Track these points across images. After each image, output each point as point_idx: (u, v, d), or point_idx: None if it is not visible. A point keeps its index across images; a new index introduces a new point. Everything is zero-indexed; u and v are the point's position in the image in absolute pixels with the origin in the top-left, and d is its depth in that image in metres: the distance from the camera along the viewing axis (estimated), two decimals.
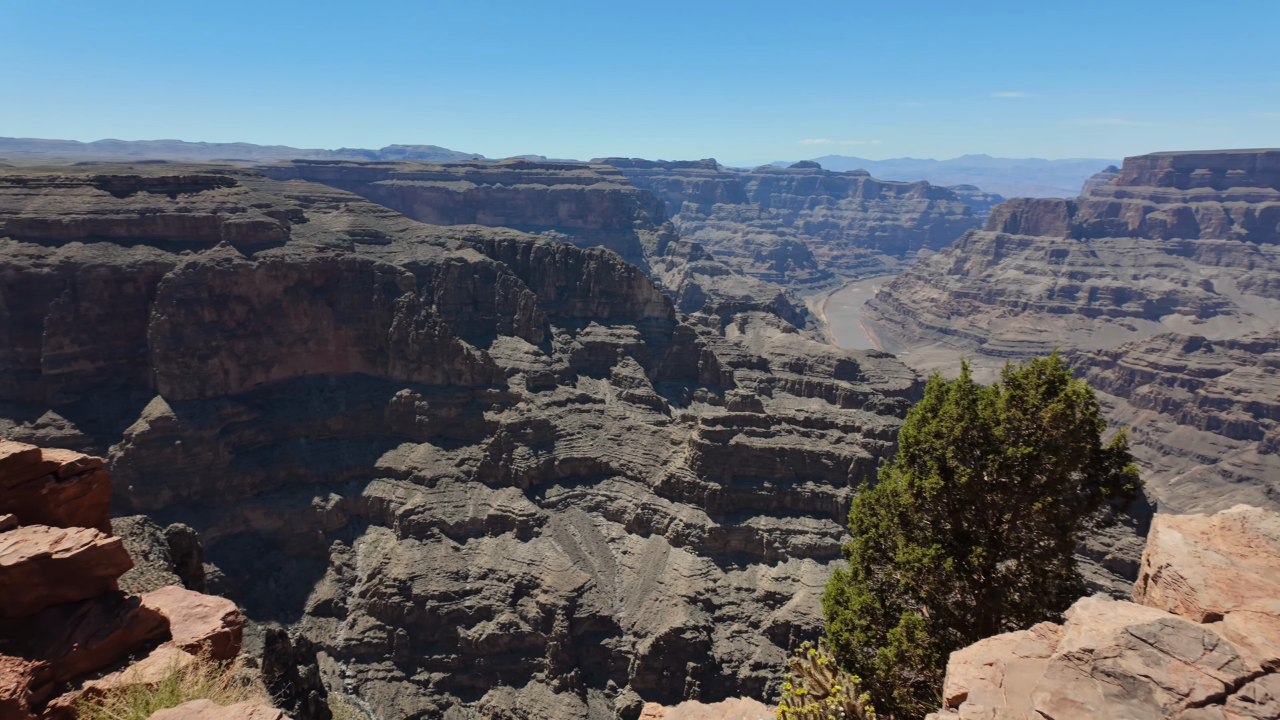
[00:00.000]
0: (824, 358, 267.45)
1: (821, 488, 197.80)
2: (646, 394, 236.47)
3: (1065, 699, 8.79)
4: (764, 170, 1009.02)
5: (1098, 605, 10.17)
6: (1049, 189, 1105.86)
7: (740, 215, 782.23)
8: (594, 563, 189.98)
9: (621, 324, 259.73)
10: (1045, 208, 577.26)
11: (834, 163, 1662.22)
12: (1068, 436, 18.25)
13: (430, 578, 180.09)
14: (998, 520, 19.44)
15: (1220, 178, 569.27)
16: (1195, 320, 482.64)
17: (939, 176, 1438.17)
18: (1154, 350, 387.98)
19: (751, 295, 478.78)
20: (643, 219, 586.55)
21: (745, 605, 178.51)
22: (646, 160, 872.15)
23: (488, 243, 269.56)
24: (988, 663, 10.21)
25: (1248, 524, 12.93)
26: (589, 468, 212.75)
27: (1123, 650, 9.04)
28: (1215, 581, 11.01)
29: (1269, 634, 9.49)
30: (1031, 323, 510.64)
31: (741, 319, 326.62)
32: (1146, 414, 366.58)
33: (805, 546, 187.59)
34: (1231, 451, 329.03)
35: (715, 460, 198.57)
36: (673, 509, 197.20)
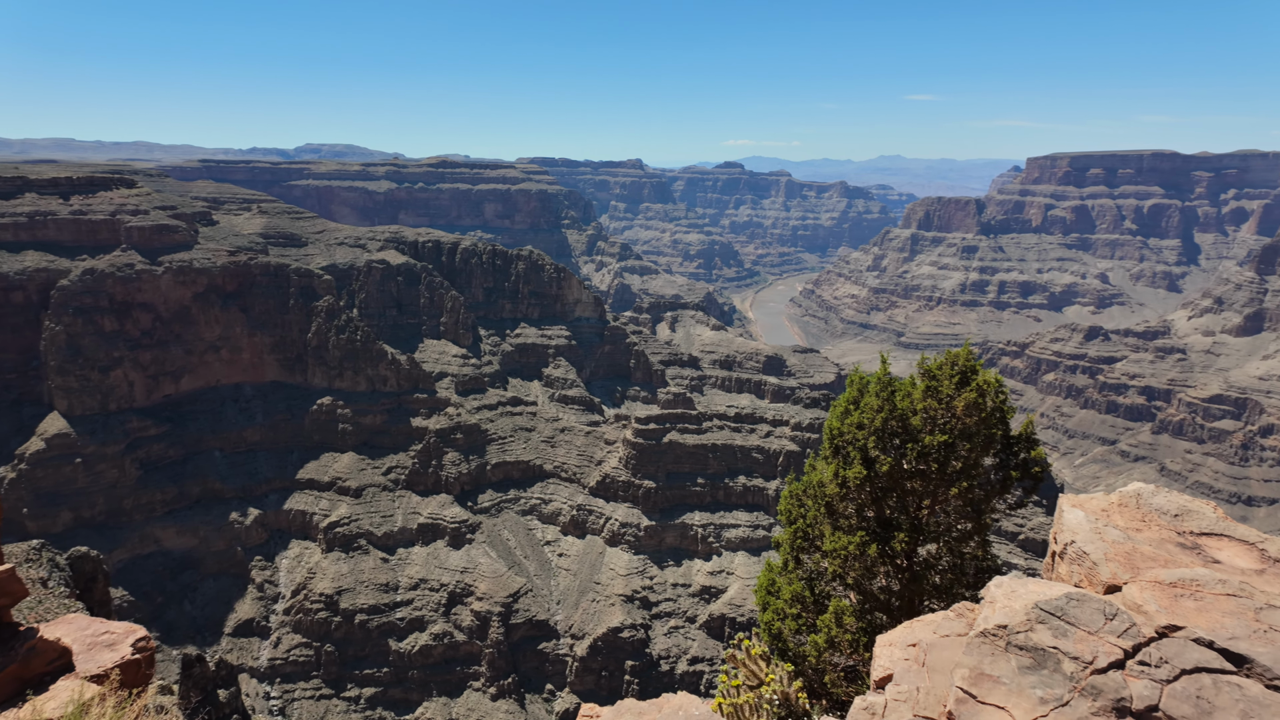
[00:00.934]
0: (752, 354, 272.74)
1: (753, 481, 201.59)
2: (579, 395, 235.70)
3: (983, 674, 9.24)
4: (690, 170, 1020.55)
5: (1010, 583, 10.74)
6: (959, 188, 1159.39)
7: (668, 215, 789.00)
8: (529, 567, 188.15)
9: (552, 325, 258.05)
10: (956, 206, 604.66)
11: (757, 163, 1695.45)
12: (980, 424, 19.21)
13: (358, 591, 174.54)
14: (918, 506, 20.28)
15: (1113, 177, 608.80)
16: (1094, 311, 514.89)
17: (856, 176, 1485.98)
18: (1057, 340, 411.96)
19: (681, 294, 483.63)
20: (571, 219, 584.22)
21: (681, 601, 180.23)
22: (573, 160, 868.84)
23: (411, 244, 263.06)
24: (911, 644, 10.63)
25: (1142, 500, 13.87)
26: (522, 471, 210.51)
27: (1033, 624, 9.57)
28: (1114, 555, 11.77)
29: (1161, 601, 10.22)
30: (946, 316, 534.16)
31: (672, 318, 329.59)
32: (1052, 400, 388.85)
33: (738, 539, 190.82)
34: (1128, 433, 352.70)
35: (649, 458, 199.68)
36: (608, 509, 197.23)
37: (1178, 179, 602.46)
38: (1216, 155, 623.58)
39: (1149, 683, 8.80)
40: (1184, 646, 9.25)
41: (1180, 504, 13.53)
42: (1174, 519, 13.08)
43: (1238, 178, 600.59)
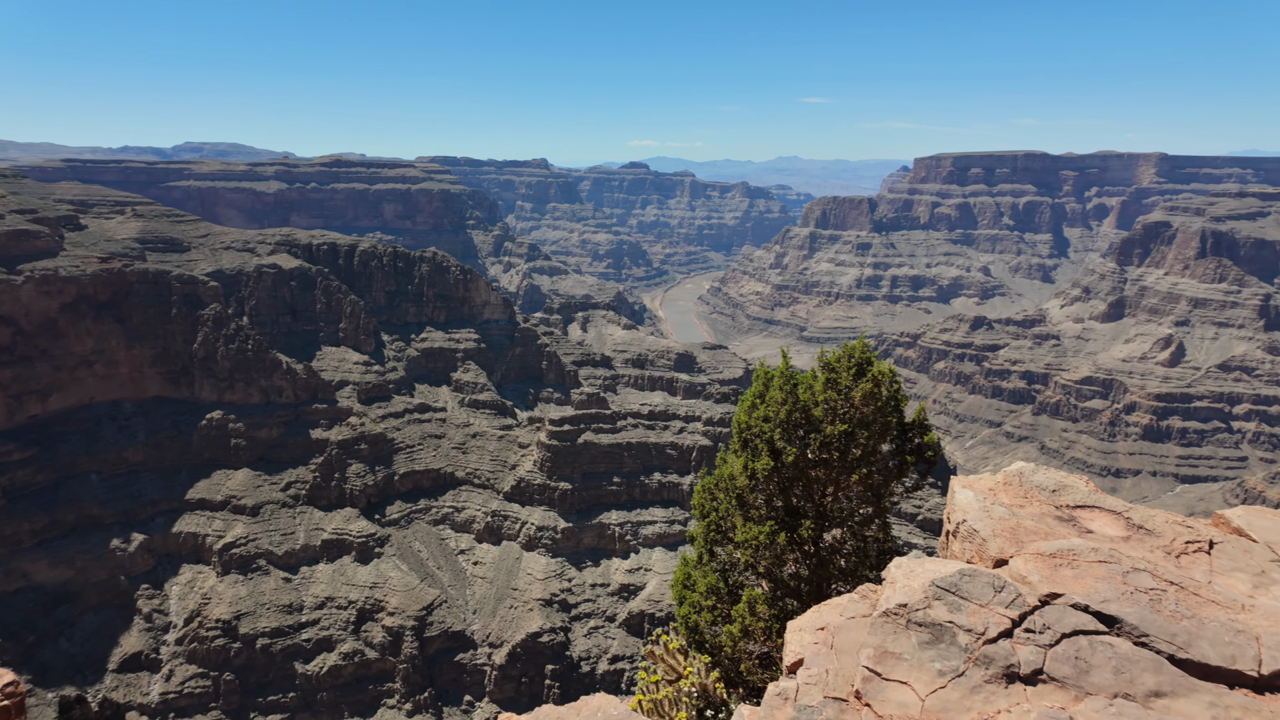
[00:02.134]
0: (664, 352, 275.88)
1: (668, 477, 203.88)
2: (490, 399, 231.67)
3: (886, 652, 9.67)
4: (596, 170, 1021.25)
5: (909, 563, 11.30)
6: (852, 187, 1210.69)
7: (575, 215, 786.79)
8: (443, 577, 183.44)
9: (460, 328, 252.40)
10: (850, 205, 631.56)
11: (661, 164, 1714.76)
12: (877, 412, 20.17)
13: (259, 614, 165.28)
14: (822, 494, 21.07)
15: (991, 176, 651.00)
16: (978, 302, 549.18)
17: (757, 177, 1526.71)
18: (946, 330, 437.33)
19: (591, 294, 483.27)
20: (476, 219, 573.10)
21: (601, 600, 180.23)
22: (476, 159, 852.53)
23: (305, 246, 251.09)
24: (820, 627, 11.01)
25: (1024, 478, 14.89)
26: (433, 479, 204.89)
27: (930, 601, 10.10)
28: (1001, 531, 12.58)
29: (1043, 572, 11.00)
30: (844, 310, 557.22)
31: (583, 318, 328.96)
32: (944, 387, 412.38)
33: (655, 536, 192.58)
34: (1012, 415, 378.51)
35: (565, 460, 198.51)
36: (524, 513, 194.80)
37: (1048, 178, 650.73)
38: (1080, 156, 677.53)
39: (1034, 648, 9.45)
40: (1063, 612, 9.99)
41: (1057, 480, 14.61)
42: (1052, 494, 14.11)
43: (1099, 176, 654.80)
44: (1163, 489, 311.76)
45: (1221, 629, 9.92)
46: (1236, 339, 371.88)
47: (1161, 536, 12.52)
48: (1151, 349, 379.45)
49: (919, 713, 8.96)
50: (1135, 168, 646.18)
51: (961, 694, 9.04)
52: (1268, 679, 9.46)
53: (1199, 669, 9.43)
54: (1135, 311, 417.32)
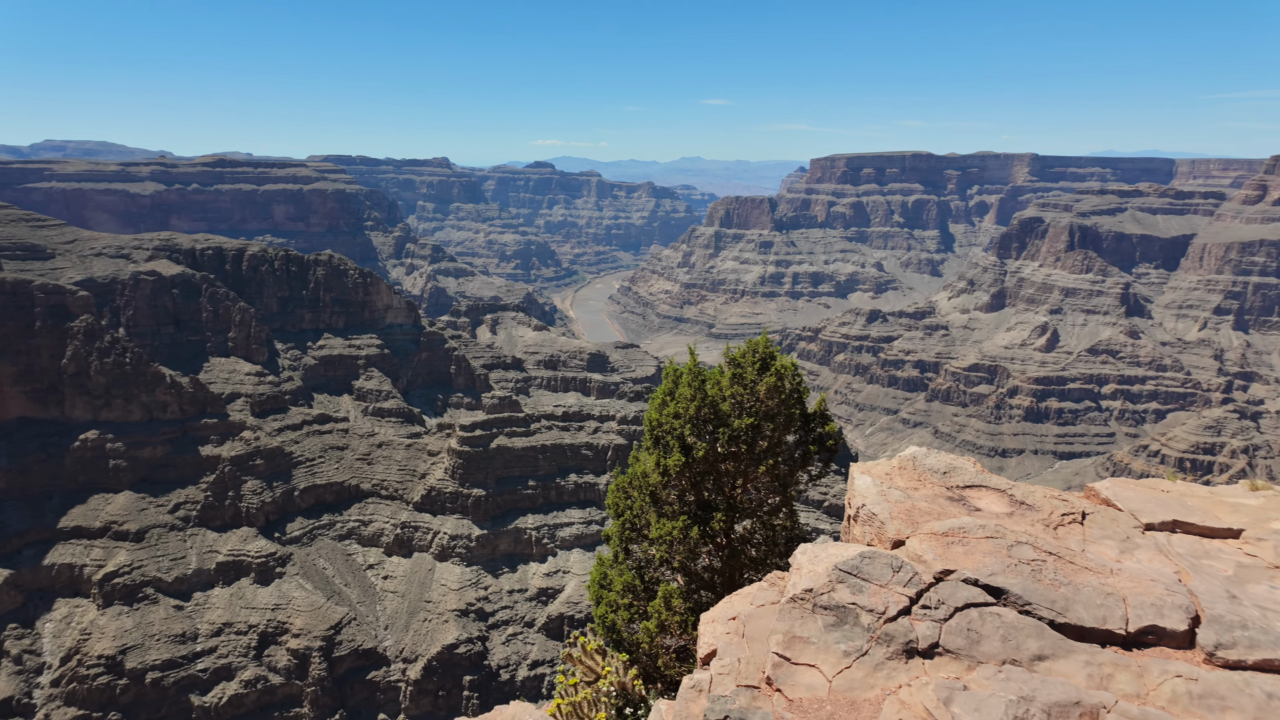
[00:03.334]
0: (576, 353, 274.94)
1: (584, 478, 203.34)
2: (396, 406, 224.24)
3: (795, 636, 9.96)
4: (500, 170, 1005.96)
5: (814, 549, 11.70)
6: (754, 188, 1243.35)
7: (480, 215, 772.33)
8: (351, 594, 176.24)
9: (361, 333, 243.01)
10: (752, 204, 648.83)
11: (567, 163, 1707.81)
12: (781, 405, 20.82)
13: (148, 646, 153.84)
14: (732, 486, 21.56)
15: (882, 175, 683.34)
16: (873, 296, 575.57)
17: (662, 177, 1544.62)
18: (845, 324, 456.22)
19: (500, 295, 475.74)
20: (375, 220, 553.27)
21: (519, 606, 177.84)
22: (373, 158, 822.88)
23: (187, 252, 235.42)
24: (732, 617, 11.24)
25: (917, 462, 15.69)
26: (336, 493, 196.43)
27: (834, 585, 10.49)
28: (898, 513, 13.21)
29: (937, 550, 11.62)
30: (749, 307, 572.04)
31: (492, 320, 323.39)
32: (844, 378, 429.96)
33: (573, 537, 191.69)
34: (907, 402, 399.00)
35: (477, 466, 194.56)
36: (435, 523, 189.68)
37: (933, 177, 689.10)
38: (962, 156, 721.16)
39: (930, 623, 9.97)
40: (956, 587, 10.59)
41: (947, 462, 15.48)
42: (943, 476, 14.94)
43: (979, 175, 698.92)
44: (1043, 466, 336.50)
45: (1094, 593, 10.78)
46: (1102, 325, 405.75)
47: (1040, 510, 13.49)
48: (1030, 336, 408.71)
49: (827, 693, 9.28)
50: (1011, 167, 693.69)
51: (866, 672, 9.43)
52: (1134, 636, 10.35)
53: (1076, 631, 10.21)
54: (1015, 301, 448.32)
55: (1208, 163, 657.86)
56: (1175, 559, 12.09)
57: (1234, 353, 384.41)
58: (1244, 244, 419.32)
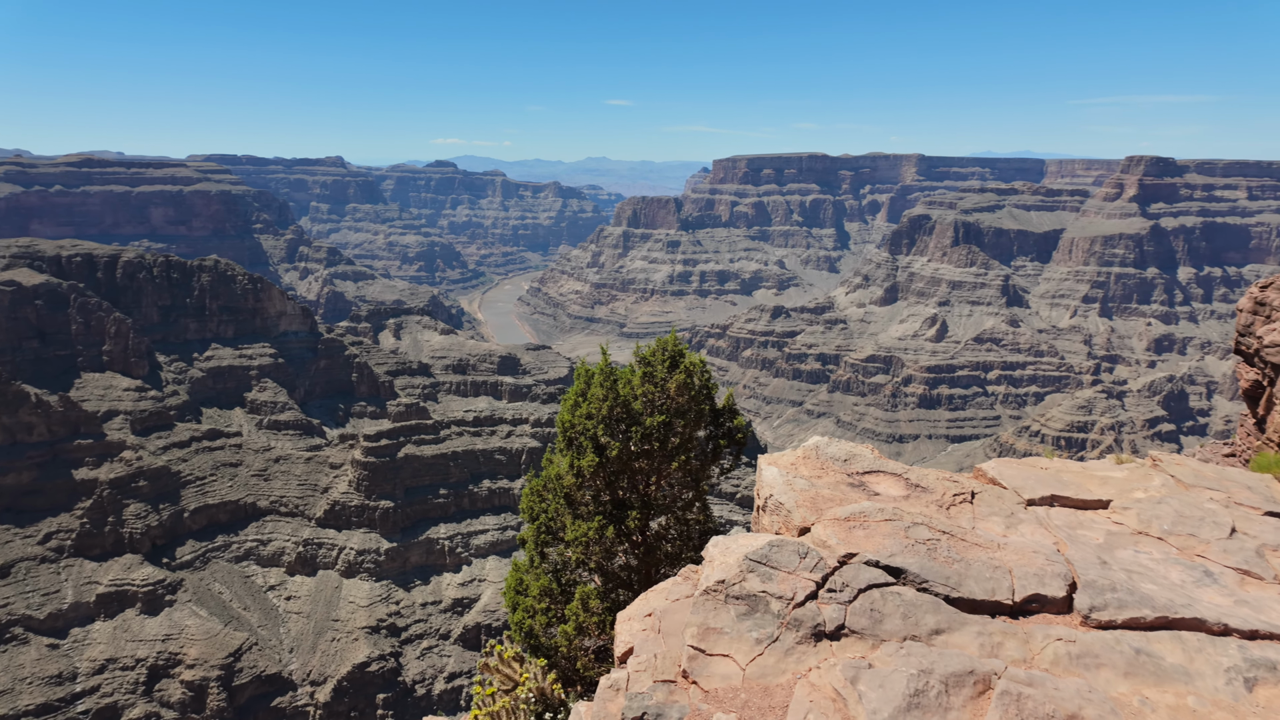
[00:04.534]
0: (485, 356, 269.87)
1: (498, 483, 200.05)
2: (294, 418, 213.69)
3: (709, 628, 10.14)
4: (399, 169, 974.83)
5: (725, 541, 11.95)
6: (659, 188, 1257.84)
7: (379, 216, 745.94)
8: (251, 618, 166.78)
9: (252, 342, 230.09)
10: (658, 204, 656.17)
11: (470, 162, 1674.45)
12: (691, 401, 21.17)
13: (19, 691, 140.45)
14: (646, 484, 21.73)
15: (781, 176, 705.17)
16: (776, 293, 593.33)
17: (568, 177, 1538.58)
18: (750, 320, 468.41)
19: (403, 299, 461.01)
20: (264, 223, 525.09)
21: (433, 619, 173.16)
22: (260, 157, 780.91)
23: (51, 259, 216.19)
24: (648, 614, 11.33)
25: (820, 451, 16.28)
26: (231, 513, 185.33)
27: (745, 575, 10.75)
28: (803, 502, 13.67)
29: (840, 535, 12.10)
30: (659, 305, 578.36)
31: (395, 324, 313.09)
32: (751, 372, 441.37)
33: (488, 545, 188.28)
34: (811, 394, 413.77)
35: (384, 476, 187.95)
36: (341, 538, 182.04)
37: (829, 177, 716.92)
38: (854, 157, 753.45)
39: (836, 606, 10.38)
40: (859, 570, 11.07)
41: (847, 450, 16.15)
42: (844, 463, 15.58)
43: (871, 175, 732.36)
44: (937, 449, 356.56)
45: (984, 567, 11.50)
46: (986, 315, 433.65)
47: (934, 492, 14.29)
48: (921, 327, 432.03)
49: (741, 682, 9.50)
50: (900, 167, 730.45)
51: (777, 658, 9.71)
52: (1020, 605, 11.11)
53: (968, 604, 10.87)
54: (906, 295, 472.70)
55: (1073, 163, 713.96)
56: (1054, 531, 13.07)
57: (1100, 338, 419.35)
58: (1106, 238, 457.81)
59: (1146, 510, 13.90)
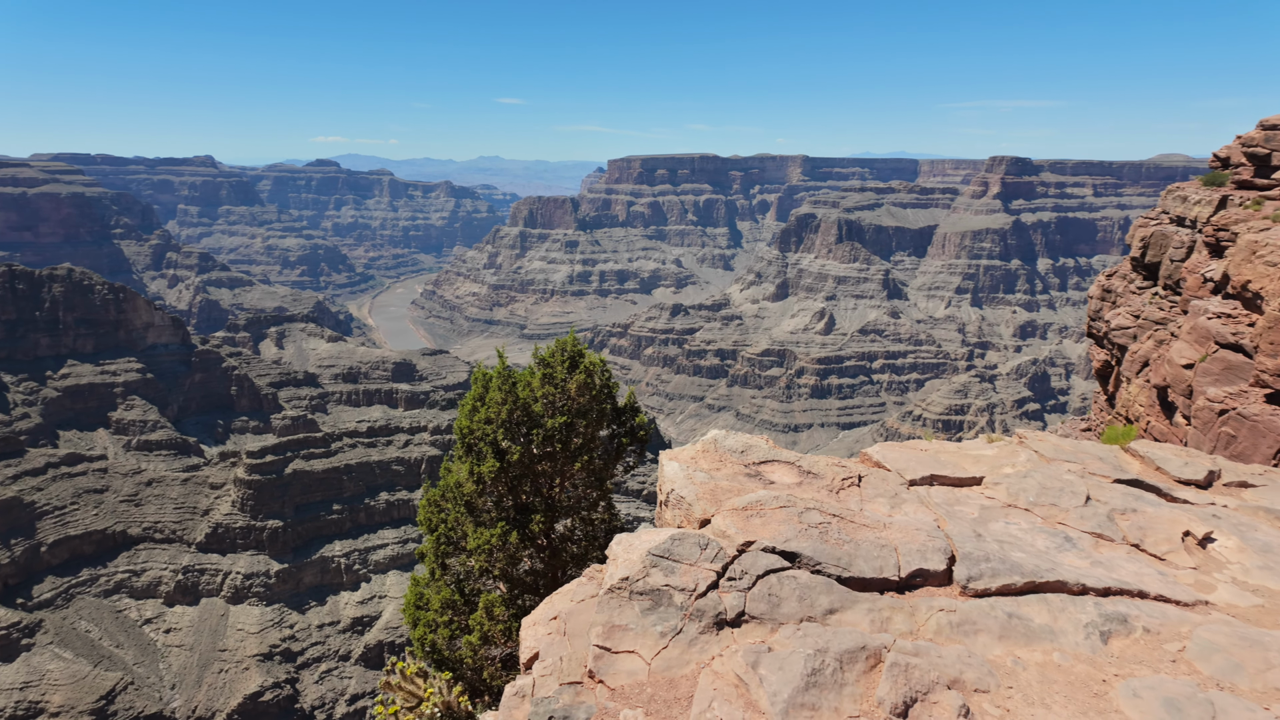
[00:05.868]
0: (378, 363, 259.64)
1: (396, 495, 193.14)
2: (167, 437, 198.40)
3: (614, 626, 10.18)
4: (277, 169, 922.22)
5: (628, 539, 12.03)
6: (555, 188, 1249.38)
7: (256, 219, 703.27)
8: (125, 656, 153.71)
9: (115, 357, 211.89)
10: (555, 204, 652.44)
11: (354, 161, 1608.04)
12: (592, 401, 21.17)
13: None
14: (550, 486, 21.56)
15: (674, 176, 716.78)
16: (674, 291, 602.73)
17: (460, 176, 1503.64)
18: (651, 319, 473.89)
19: (285, 306, 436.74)
20: (125, 227, 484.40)
21: (331, 640, 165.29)
22: (119, 157, 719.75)
23: None
24: (553, 617, 11.24)
25: (718, 444, 16.66)
26: (97, 543, 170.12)
27: (648, 570, 10.86)
28: (703, 494, 13.96)
29: (738, 524, 12.43)
30: (560, 306, 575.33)
31: (278, 333, 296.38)
32: (654, 370, 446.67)
33: (388, 559, 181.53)
34: (711, 389, 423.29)
35: (271, 495, 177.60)
36: (225, 562, 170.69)
37: (720, 177, 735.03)
38: (744, 158, 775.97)
39: (736, 594, 10.66)
40: (756, 557, 11.41)
41: (744, 442, 16.61)
42: (741, 455, 16.02)
43: (759, 175, 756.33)
44: (830, 437, 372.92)
45: (872, 547, 12.12)
46: (869, 308, 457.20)
47: (824, 478, 14.93)
48: (811, 321, 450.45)
49: (647, 676, 9.59)
50: (786, 168, 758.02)
51: (681, 650, 9.87)
52: (906, 580, 11.78)
53: (859, 583, 11.43)
54: (796, 290, 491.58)
55: (944, 163, 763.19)
56: (934, 508, 13.94)
57: (972, 326, 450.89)
58: (974, 232, 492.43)
59: (1014, 484, 15.06)
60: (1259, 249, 38.77)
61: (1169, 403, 48.02)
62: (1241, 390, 35.87)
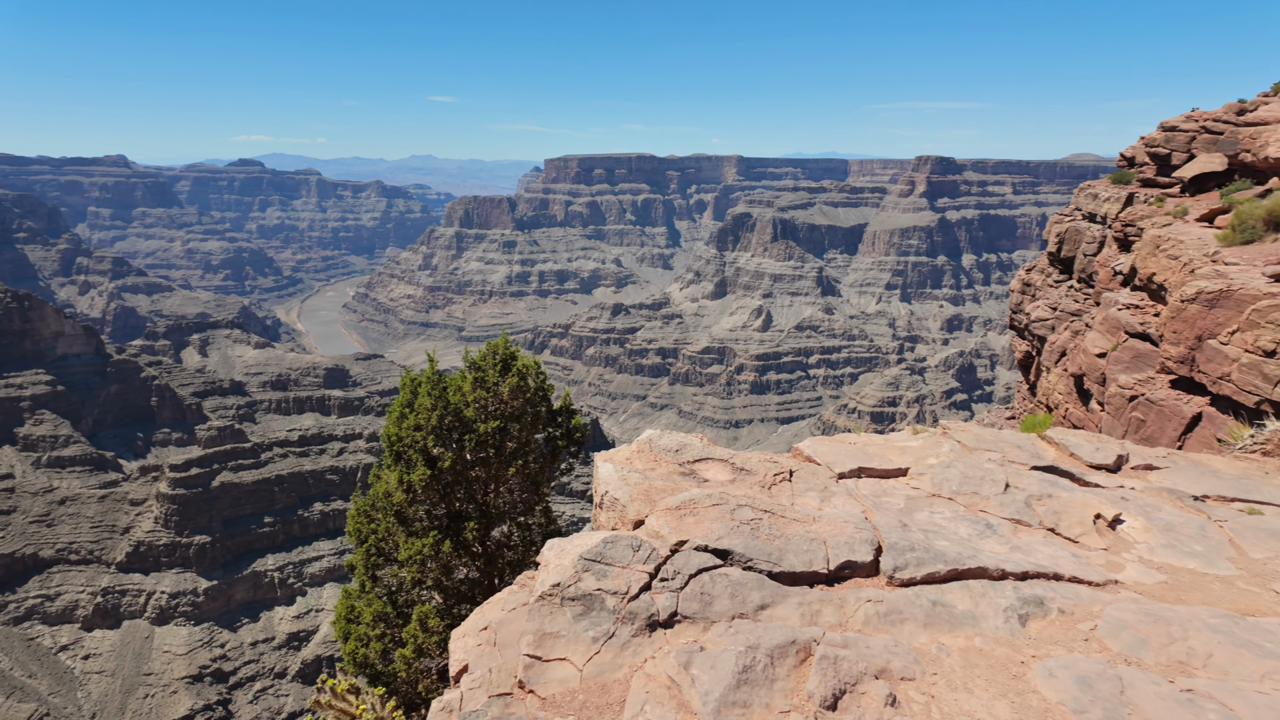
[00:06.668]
0: (309, 369, 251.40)
1: (331, 505, 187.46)
2: (81, 452, 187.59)
3: (545, 634, 9.99)
4: (196, 169, 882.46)
5: (560, 543, 11.85)
6: (491, 187, 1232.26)
7: (175, 221, 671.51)
8: (39, 687, 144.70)
9: (22, 369, 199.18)
10: (492, 204, 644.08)
11: (279, 161, 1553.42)
12: (526, 404, 20.85)
13: None
14: (484, 492, 21.14)
15: (612, 176, 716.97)
16: (615, 290, 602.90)
17: (392, 176, 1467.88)
18: (592, 319, 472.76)
19: (208, 312, 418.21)
20: (29, 231, 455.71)
21: (266, 658, 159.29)
22: (20, 156, 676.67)
23: None
24: (483, 628, 10.98)
25: (653, 444, 16.63)
26: (4, 568, 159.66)
27: (580, 574, 10.71)
28: (637, 495, 13.88)
29: (672, 524, 12.40)
30: (499, 307, 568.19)
31: (201, 340, 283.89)
32: (596, 370, 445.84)
33: (324, 572, 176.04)
34: (653, 387, 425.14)
35: (197, 509, 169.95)
36: (149, 582, 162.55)
37: (657, 177, 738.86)
38: (680, 158, 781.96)
39: (669, 594, 10.61)
40: (689, 556, 11.39)
41: (679, 441, 16.62)
42: (675, 454, 16.02)
43: (696, 175, 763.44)
44: (769, 432, 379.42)
45: (802, 541, 12.26)
46: (804, 304, 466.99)
47: (757, 474, 15.06)
48: (749, 319, 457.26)
49: (579, 683, 9.44)
50: (722, 168, 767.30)
51: (614, 654, 9.76)
52: (835, 572, 11.96)
53: (789, 577, 11.54)
54: (734, 289, 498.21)
55: (873, 163, 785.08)
56: (862, 500, 14.22)
57: (902, 320, 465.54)
58: (902, 230, 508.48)
59: (938, 474, 15.50)
60: (1162, 243, 41.11)
61: (1085, 390, 50.54)
62: (1149, 377, 37.95)
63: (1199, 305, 32.45)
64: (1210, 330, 31.97)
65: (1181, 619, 10.55)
